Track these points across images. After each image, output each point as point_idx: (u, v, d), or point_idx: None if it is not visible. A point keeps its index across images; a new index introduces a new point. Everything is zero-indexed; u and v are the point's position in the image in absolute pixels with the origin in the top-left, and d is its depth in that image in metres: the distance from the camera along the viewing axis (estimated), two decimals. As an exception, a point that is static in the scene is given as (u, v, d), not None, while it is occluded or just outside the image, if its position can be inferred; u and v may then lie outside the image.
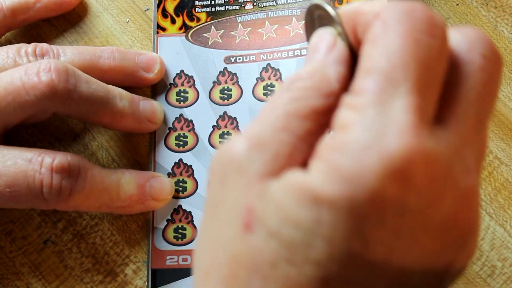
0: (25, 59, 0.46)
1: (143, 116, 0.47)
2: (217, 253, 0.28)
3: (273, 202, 0.27)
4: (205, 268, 0.29)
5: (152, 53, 0.49)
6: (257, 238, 0.27)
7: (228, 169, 0.29)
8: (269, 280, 0.26)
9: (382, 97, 0.27)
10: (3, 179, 0.42)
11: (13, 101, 0.43)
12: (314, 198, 0.26)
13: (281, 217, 0.26)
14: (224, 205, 0.29)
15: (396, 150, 0.25)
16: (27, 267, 0.47)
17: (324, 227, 0.26)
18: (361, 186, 0.25)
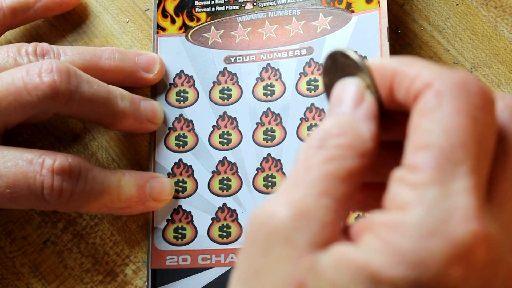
0: (25, 58, 0.46)
1: (144, 116, 0.47)
2: None
3: (326, 278, 0.26)
4: None
5: (152, 53, 0.49)
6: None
7: (272, 238, 0.27)
8: None
9: (442, 176, 0.26)
10: (4, 180, 0.42)
11: (14, 102, 0.43)
12: (373, 278, 0.25)
13: None
14: (269, 276, 0.27)
15: (462, 236, 0.25)
16: (27, 267, 0.47)
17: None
18: (427, 270, 0.25)
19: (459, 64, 0.48)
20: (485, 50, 0.48)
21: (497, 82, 0.48)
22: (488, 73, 0.48)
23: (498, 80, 0.48)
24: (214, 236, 0.47)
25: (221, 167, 0.48)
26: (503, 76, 0.48)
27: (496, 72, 0.48)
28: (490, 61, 0.48)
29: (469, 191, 0.26)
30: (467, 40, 0.48)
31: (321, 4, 0.49)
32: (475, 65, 0.48)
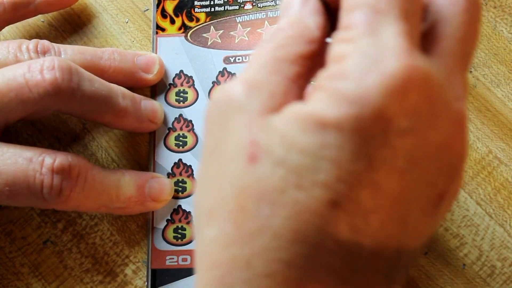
0: (26, 55, 0.46)
1: (145, 116, 0.47)
2: (221, 190, 0.28)
3: (276, 132, 0.28)
4: (209, 207, 0.29)
5: (151, 53, 0.49)
6: (264, 167, 0.27)
7: (228, 110, 0.29)
8: (278, 206, 0.27)
9: (372, 27, 0.28)
10: (3, 177, 0.42)
11: (15, 98, 0.43)
12: (320, 123, 0.27)
13: (286, 145, 0.27)
14: (226, 144, 0.29)
15: (395, 69, 0.27)
16: (27, 268, 0.47)
17: (331, 150, 0.27)
18: (366, 105, 0.26)
19: (458, 64, 0.48)
20: (484, 50, 0.48)
21: (496, 82, 0.48)
22: (488, 73, 0.48)
23: (497, 80, 0.48)
24: (213, 236, 0.47)
25: (221, 167, 0.48)
26: (503, 76, 0.48)
27: (496, 72, 0.48)
28: (489, 61, 0.48)
29: (398, 34, 0.28)
30: (467, 40, 0.48)
31: None
32: (475, 65, 0.48)
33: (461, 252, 0.45)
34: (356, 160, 0.27)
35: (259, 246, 0.27)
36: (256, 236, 0.27)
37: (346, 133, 0.27)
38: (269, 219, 0.27)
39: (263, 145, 0.28)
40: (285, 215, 0.27)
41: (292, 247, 0.26)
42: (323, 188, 0.27)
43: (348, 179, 0.27)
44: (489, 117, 0.47)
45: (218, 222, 0.28)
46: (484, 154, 0.47)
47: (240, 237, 0.27)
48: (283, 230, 0.27)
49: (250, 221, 0.27)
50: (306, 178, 0.27)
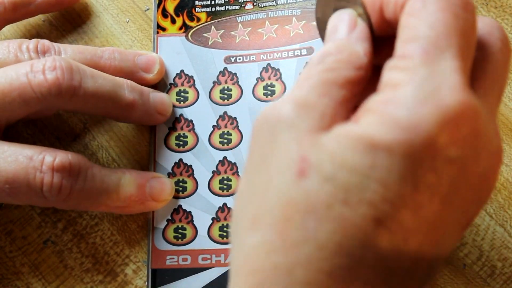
0: (26, 54, 0.46)
1: (153, 108, 0.47)
2: (267, 199, 0.29)
3: (326, 150, 0.29)
4: (253, 214, 0.30)
5: (152, 53, 0.49)
6: (312, 182, 0.28)
7: (278, 127, 0.31)
8: (324, 220, 0.28)
9: (430, 59, 0.29)
10: (3, 175, 0.42)
11: (18, 97, 0.43)
12: (371, 145, 0.28)
13: (336, 163, 0.28)
14: (275, 157, 0.30)
15: (452, 102, 0.28)
16: (27, 267, 0.47)
17: (380, 171, 0.28)
18: (419, 133, 0.28)
19: (459, 64, 0.48)
20: (485, 50, 0.48)
21: (497, 82, 0.48)
22: (488, 73, 0.48)
23: (498, 80, 0.48)
24: (214, 236, 0.47)
25: (222, 167, 0.48)
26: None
27: (496, 72, 0.48)
28: (490, 61, 0.48)
29: (455, 70, 0.29)
30: (467, 40, 0.48)
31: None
32: (475, 65, 0.48)
33: (462, 252, 0.45)
34: (403, 182, 0.28)
35: (302, 256, 0.28)
36: (300, 246, 0.28)
37: (396, 157, 0.28)
38: (314, 232, 0.28)
39: (313, 161, 0.29)
40: (330, 229, 0.28)
41: (334, 259, 0.28)
42: (369, 206, 0.28)
43: (394, 200, 0.28)
44: (490, 117, 0.47)
45: (262, 229, 0.29)
46: (485, 154, 0.47)
47: (283, 246, 0.28)
48: (328, 242, 0.28)
49: (295, 231, 0.28)
50: (354, 195, 0.28)
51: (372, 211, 0.28)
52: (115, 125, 0.49)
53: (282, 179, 0.29)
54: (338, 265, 0.28)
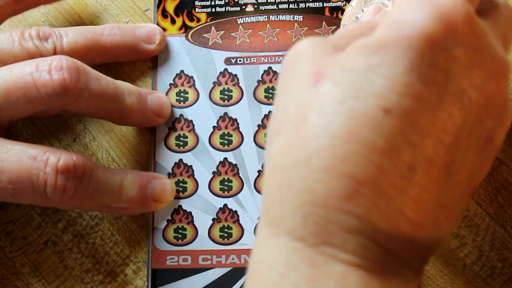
0: (30, 42, 0.46)
1: (151, 111, 0.47)
2: (287, 109, 0.33)
3: (339, 63, 0.32)
4: (277, 126, 0.33)
5: (151, 24, 0.50)
6: (326, 85, 0.32)
7: (297, 57, 0.34)
8: (336, 114, 0.31)
9: None
10: (7, 175, 0.42)
11: (23, 97, 0.43)
12: (376, 46, 0.31)
13: (347, 69, 0.31)
14: (294, 78, 0.33)
15: (446, 3, 0.31)
16: (27, 267, 0.47)
17: (385, 66, 0.31)
18: (418, 27, 0.31)
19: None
20: (485, 50, 0.48)
21: (497, 83, 0.48)
22: (488, 73, 0.48)
23: (498, 81, 0.48)
24: (215, 237, 0.47)
25: (222, 168, 0.48)
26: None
27: (496, 72, 0.48)
28: (490, 61, 0.48)
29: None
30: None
31: (324, 13, 0.49)
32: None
33: (462, 252, 0.45)
34: (406, 74, 0.30)
35: (317, 146, 0.31)
36: (315, 139, 0.31)
37: (398, 51, 0.31)
38: (327, 125, 0.31)
39: (327, 72, 0.32)
40: (342, 120, 0.31)
41: (346, 145, 0.30)
42: (377, 97, 0.30)
43: (399, 90, 0.30)
44: (490, 117, 0.47)
45: (284, 134, 0.32)
46: (485, 154, 0.47)
47: (301, 141, 0.31)
48: (340, 132, 0.30)
49: (311, 128, 0.31)
50: (363, 90, 0.31)
51: (380, 101, 0.30)
52: (115, 125, 0.49)
53: (299, 90, 0.33)
54: (350, 151, 0.30)
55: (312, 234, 0.31)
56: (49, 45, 0.46)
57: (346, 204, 0.30)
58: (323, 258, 0.30)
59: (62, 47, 0.46)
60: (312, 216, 0.31)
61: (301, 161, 0.31)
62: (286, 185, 0.32)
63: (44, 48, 0.46)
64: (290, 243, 0.31)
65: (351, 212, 0.30)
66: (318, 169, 0.31)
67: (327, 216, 0.30)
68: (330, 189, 0.30)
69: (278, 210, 0.32)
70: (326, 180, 0.30)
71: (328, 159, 0.30)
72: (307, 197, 0.31)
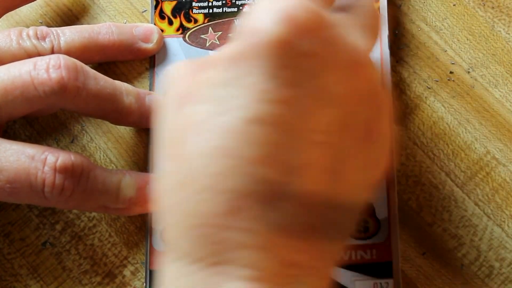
0: (28, 41, 0.46)
1: (149, 111, 0.47)
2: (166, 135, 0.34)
3: (206, 80, 0.32)
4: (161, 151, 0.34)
5: (149, 24, 0.50)
6: (195, 106, 0.32)
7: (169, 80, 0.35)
8: (206, 132, 0.31)
9: None
10: (5, 174, 0.42)
11: (20, 95, 0.43)
12: (235, 57, 0.31)
13: (212, 85, 0.32)
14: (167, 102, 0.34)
15: (288, 4, 0.32)
16: (26, 269, 0.47)
17: (244, 77, 0.31)
18: (265, 32, 0.31)
19: (456, 64, 0.48)
20: (483, 50, 0.48)
21: (494, 83, 0.48)
22: (486, 73, 0.48)
23: (495, 81, 0.48)
24: (212, 238, 0.47)
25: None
26: (501, 76, 0.48)
27: (494, 72, 0.48)
28: (487, 61, 0.48)
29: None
30: (465, 41, 0.49)
31: None
32: (473, 65, 0.48)
33: (459, 252, 0.45)
34: (264, 81, 0.31)
35: (195, 167, 0.31)
36: (192, 160, 0.31)
37: (251, 61, 0.31)
38: (200, 144, 0.31)
39: (195, 91, 0.32)
40: (212, 137, 0.31)
41: (220, 161, 0.30)
42: (241, 109, 0.31)
43: (261, 98, 0.31)
44: (487, 117, 0.47)
45: (165, 158, 0.33)
46: (482, 154, 0.47)
47: (180, 164, 0.32)
48: (212, 149, 0.31)
49: (186, 150, 0.32)
50: (226, 104, 0.31)
51: (244, 112, 0.30)
52: (113, 126, 0.49)
53: (172, 113, 0.33)
54: (226, 166, 0.30)
55: (208, 254, 0.30)
56: (46, 44, 0.46)
57: (233, 219, 0.30)
58: (222, 277, 0.30)
59: (60, 46, 0.46)
60: (204, 237, 0.31)
61: (185, 182, 0.31)
62: (175, 208, 0.32)
63: (42, 48, 0.46)
64: (188, 265, 0.31)
65: (240, 227, 0.30)
66: (201, 189, 0.31)
67: (218, 234, 0.30)
68: (215, 207, 0.30)
69: (172, 233, 0.32)
70: (209, 198, 0.30)
71: (208, 177, 0.31)
72: (194, 218, 0.31)
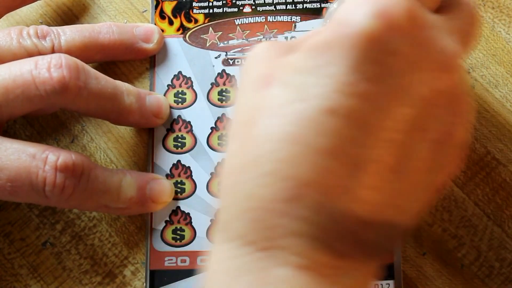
0: (29, 40, 0.46)
1: (149, 112, 0.47)
2: (241, 114, 0.34)
3: (288, 64, 0.32)
4: (232, 130, 0.34)
5: (149, 24, 0.50)
6: (274, 88, 0.32)
7: (251, 61, 0.35)
8: (282, 117, 0.31)
9: None
10: (5, 173, 0.42)
11: (21, 94, 0.43)
12: (322, 46, 0.31)
13: (295, 71, 0.32)
14: (248, 82, 0.34)
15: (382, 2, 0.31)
16: (26, 269, 0.47)
17: (329, 66, 0.31)
18: (358, 25, 0.31)
19: (456, 64, 0.48)
20: (482, 50, 0.48)
21: (494, 83, 0.48)
22: (486, 73, 0.48)
23: (495, 81, 0.48)
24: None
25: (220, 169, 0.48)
26: (501, 76, 0.48)
27: (494, 73, 0.48)
28: (487, 62, 0.48)
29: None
30: (465, 41, 0.49)
31: (322, 14, 0.49)
32: (473, 65, 0.48)
33: (460, 252, 0.45)
34: (349, 73, 0.30)
35: (263, 150, 0.31)
36: (262, 142, 0.31)
37: (337, 51, 0.31)
38: (273, 128, 0.31)
39: (276, 75, 0.32)
40: (287, 122, 0.31)
41: (290, 148, 0.30)
42: (321, 99, 0.30)
43: (343, 90, 0.30)
44: (488, 118, 0.47)
45: (236, 137, 0.33)
46: (483, 155, 0.47)
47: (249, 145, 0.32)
48: (285, 135, 0.31)
49: (258, 131, 0.32)
50: (307, 92, 0.31)
51: (324, 102, 0.30)
52: (113, 126, 0.49)
53: (251, 93, 0.33)
54: (295, 153, 0.30)
55: (260, 238, 0.31)
56: (47, 43, 0.46)
57: (290, 207, 0.30)
58: (273, 261, 0.30)
59: (60, 45, 0.46)
60: (259, 221, 0.31)
61: (248, 165, 0.31)
62: (234, 189, 0.32)
63: (42, 46, 0.46)
64: (239, 247, 0.31)
65: (297, 215, 0.30)
66: (264, 173, 0.31)
67: (274, 220, 0.30)
68: (275, 193, 0.31)
69: (227, 214, 0.32)
70: (271, 183, 0.31)
71: (273, 162, 0.31)
72: (253, 201, 0.31)
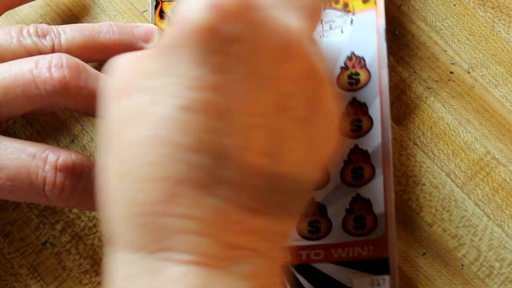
0: (28, 39, 0.46)
1: None
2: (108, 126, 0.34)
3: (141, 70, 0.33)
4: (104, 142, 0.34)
5: (149, 24, 0.50)
6: (133, 97, 0.32)
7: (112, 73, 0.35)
8: (143, 121, 0.31)
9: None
10: (5, 172, 0.42)
11: (22, 94, 0.43)
12: (167, 46, 0.32)
13: (147, 76, 0.32)
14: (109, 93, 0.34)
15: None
16: (26, 269, 0.47)
17: (176, 65, 0.31)
18: (192, 20, 0.31)
19: (456, 64, 0.48)
20: (483, 50, 0.48)
21: (494, 83, 0.48)
22: (486, 73, 0.48)
23: (495, 81, 0.48)
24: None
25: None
26: (501, 76, 0.48)
27: (494, 72, 0.48)
28: (487, 61, 0.48)
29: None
30: (465, 41, 0.49)
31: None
32: (473, 65, 0.48)
33: (459, 252, 0.45)
34: (195, 68, 0.31)
35: (131, 157, 0.32)
36: (129, 150, 0.32)
37: (181, 49, 0.31)
38: (136, 134, 0.32)
39: (133, 82, 0.33)
40: (148, 126, 0.31)
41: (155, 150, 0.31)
42: (174, 97, 0.31)
43: (192, 85, 0.31)
44: (487, 117, 0.47)
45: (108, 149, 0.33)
46: (482, 154, 0.47)
47: (119, 155, 0.32)
48: (147, 139, 0.31)
49: (124, 140, 0.32)
50: (161, 93, 0.31)
51: (176, 100, 0.31)
52: (113, 126, 0.49)
53: (113, 104, 0.33)
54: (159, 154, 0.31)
55: (149, 242, 0.31)
56: (47, 42, 0.46)
57: (170, 206, 0.31)
58: (164, 263, 0.31)
59: (60, 44, 0.46)
60: (144, 225, 0.31)
61: (124, 173, 0.32)
62: (116, 198, 0.32)
63: (43, 45, 0.46)
64: (132, 254, 0.32)
65: (177, 214, 0.31)
66: (139, 178, 0.31)
67: (157, 222, 0.31)
68: (151, 196, 0.31)
69: (114, 225, 0.33)
70: (147, 187, 0.31)
71: (145, 167, 0.31)
72: (134, 208, 0.31)
